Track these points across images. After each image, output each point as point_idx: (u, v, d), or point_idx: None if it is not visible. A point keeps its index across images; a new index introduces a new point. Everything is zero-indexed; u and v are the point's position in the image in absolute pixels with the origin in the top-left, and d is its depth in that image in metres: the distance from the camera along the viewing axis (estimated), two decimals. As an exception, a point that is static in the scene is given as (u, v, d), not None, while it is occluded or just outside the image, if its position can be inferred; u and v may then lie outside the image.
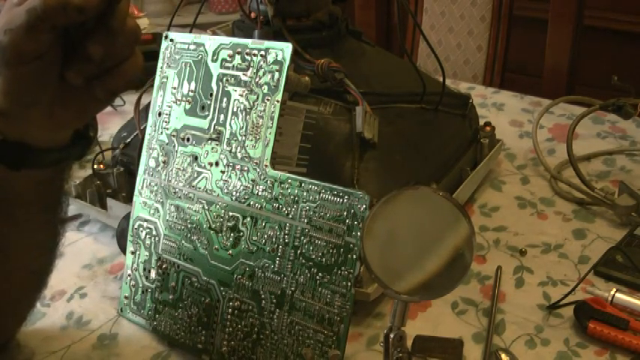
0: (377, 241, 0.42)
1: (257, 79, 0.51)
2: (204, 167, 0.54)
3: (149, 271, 0.57)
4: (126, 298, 0.59)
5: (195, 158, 0.54)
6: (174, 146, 0.56)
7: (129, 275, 0.58)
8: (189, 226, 0.54)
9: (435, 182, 0.65)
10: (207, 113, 0.54)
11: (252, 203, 0.51)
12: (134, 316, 0.58)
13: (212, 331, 0.53)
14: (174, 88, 0.56)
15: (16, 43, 0.39)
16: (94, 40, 0.40)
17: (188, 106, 0.55)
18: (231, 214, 0.52)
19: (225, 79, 0.53)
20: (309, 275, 0.48)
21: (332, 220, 0.47)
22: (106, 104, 0.46)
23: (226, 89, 0.53)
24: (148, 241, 0.57)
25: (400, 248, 0.43)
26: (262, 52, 0.51)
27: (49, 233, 0.51)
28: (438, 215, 0.42)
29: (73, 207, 0.73)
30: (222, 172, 0.53)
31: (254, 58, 0.52)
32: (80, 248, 0.69)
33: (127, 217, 0.59)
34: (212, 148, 0.53)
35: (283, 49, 0.51)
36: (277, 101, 0.50)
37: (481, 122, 0.77)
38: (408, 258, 0.43)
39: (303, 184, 0.49)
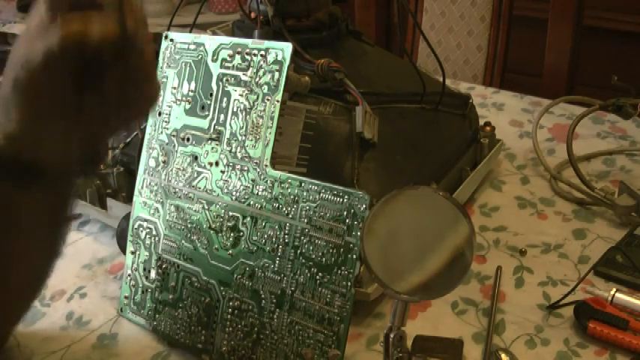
0: (377, 241, 0.42)
1: (257, 79, 0.51)
2: (204, 167, 0.54)
3: (149, 271, 0.57)
4: (126, 298, 0.59)
5: (195, 158, 0.54)
6: (174, 146, 0.56)
7: (129, 275, 0.58)
8: (189, 226, 0.54)
9: (435, 182, 0.65)
10: (207, 113, 0.54)
11: (252, 203, 0.51)
12: (134, 316, 0.58)
13: (212, 330, 0.53)
14: (174, 88, 0.56)
15: (32, 79, 0.40)
16: (111, 78, 0.40)
17: (188, 106, 0.55)
18: (231, 214, 0.52)
19: (225, 79, 0.53)
20: (309, 275, 0.48)
21: (332, 219, 0.47)
22: (121, 131, 0.46)
23: (226, 89, 0.53)
24: (148, 241, 0.57)
25: (400, 248, 0.43)
26: (262, 52, 0.51)
27: (52, 243, 0.50)
28: (438, 215, 0.42)
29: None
30: (222, 172, 0.53)
31: (254, 58, 0.52)
32: (80, 248, 0.69)
33: (127, 217, 0.59)
34: (212, 148, 0.53)
35: (283, 49, 0.51)
36: (277, 101, 0.50)
37: (481, 122, 0.77)
38: (408, 258, 0.43)
39: (303, 184, 0.49)
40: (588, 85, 1.22)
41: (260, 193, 0.51)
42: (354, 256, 0.47)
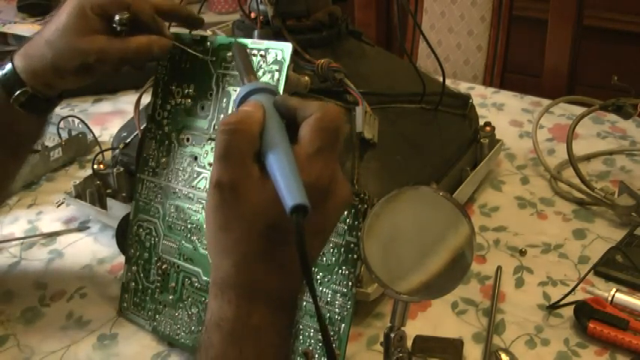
0: (377, 241, 0.42)
1: (257, 79, 0.51)
2: (204, 167, 0.54)
3: (149, 271, 0.57)
4: (126, 298, 0.58)
5: (195, 158, 0.54)
6: (174, 146, 0.56)
7: (129, 275, 0.58)
8: (189, 226, 0.54)
9: (435, 182, 0.65)
10: (207, 113, 0.54)
11: (252, 203, 0.51)
12: (134, 316, 0.58)
13: (212, 331, 0.53)
14: (175, 88, 0.56)
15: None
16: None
17: (188, 106, 0.55)
18: (231, 214, 0.52)
19: (224, 79, 0.53)
20: (309, 275, 0.48)
21: (332, 220, 0.47)
22: None
23: (226, 89, 0.53)
24: (147, 241, 0.57)
25: (400, 248, 0.43)
26: (262, 52, 0.51)
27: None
28: (438, 215, 0.42)
29: (73, 207, 0.73)
30: (223, 172, 0.53)
31: (254, 58, 0.52)
32: (80, 248, 0.69)
33: (127, 217, 0.59)
34: (212, 148, 0.53)
35: (283, 49, 0.50)
36: (277, 101, 0.50)
37: (481, 122, 0.77)
38: (408, 258, 0.43)
39: (303, 184, 0.49)
40: (588, 85, 1.22)
41: (260, 193, 0.51)
42: (355, 256, 0.47)
